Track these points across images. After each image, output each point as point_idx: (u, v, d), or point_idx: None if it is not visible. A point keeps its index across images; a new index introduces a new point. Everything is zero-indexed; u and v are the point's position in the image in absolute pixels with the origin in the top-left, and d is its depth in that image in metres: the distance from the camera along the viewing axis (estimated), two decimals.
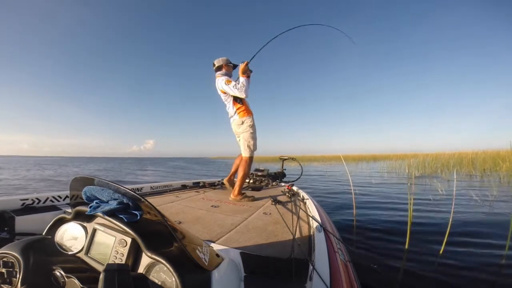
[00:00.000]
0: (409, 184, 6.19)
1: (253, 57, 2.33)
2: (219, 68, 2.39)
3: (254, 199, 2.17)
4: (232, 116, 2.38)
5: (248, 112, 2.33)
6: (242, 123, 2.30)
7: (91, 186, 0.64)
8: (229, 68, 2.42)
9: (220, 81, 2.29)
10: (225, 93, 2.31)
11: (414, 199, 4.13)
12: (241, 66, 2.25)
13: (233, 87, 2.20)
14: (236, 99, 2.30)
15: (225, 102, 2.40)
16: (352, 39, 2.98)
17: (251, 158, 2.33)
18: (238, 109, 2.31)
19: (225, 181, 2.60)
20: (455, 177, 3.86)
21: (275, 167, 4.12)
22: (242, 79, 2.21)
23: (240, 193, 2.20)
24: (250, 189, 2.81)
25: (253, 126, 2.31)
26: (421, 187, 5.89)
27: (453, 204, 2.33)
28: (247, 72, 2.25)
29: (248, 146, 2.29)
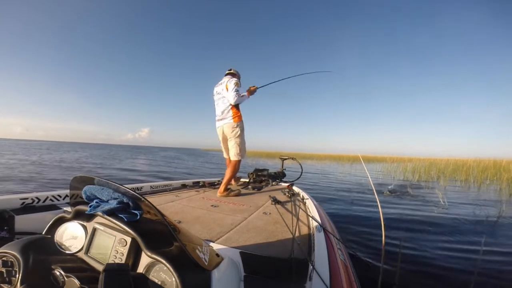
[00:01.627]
0: (408, 189, 6.04)
1: (263, 85, 2.68)
2: (232, 75, 2.62)
3: (239, 193, 2.33)
4: (224, 119, 2.49)
5: (241, 118, 2.48)
6: (237, 126, 2.42)
7: (91, 186, 0.64)
8: (239, 80, 2.61)
9: (231, 80, 2.45)
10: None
11: (418, 207, 4.06)
12: (251, 88, 2.57)
13: (236, 91, 2.38)
14: (237, 106, 2.46)
15: (219, 102, 2.52)
16: (341, 74, 3.29)
17: (240, 162, 2.49)
18: (235, 113, 2.44)
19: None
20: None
21: (265, 163, 4.08)
22: (245, 94, 2.49)
23: (226, 189, 2.32)
24: (250, 188, 2.80)
25: (243, 131, 2.49)
26: (420, 194, 5.71)
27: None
28: (252, 93, 2.58)
29: (241, 150, 2.44)
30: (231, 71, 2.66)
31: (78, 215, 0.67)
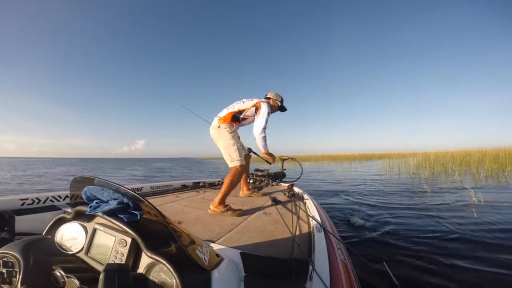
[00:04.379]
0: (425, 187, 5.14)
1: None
2: (267, 99, 2.25)
3: (241, 213, 1.73)
4: (212, 122, 2.12)
5: (229, 123, 2.06)
6: (219, 127, 2.02)
7: (91, 186, 0.64)
8: (275, 105, 2.23)
9: (265, 103, 2.08)
10: (254, 106, 2.05)
11: (452, 211, 3.25)
12: (272, 156, 2.22)
13: (265, 120, 1.98)
14: (235, 117, 2.05)
15: (227, 109, 2.12)
16: None
17: (237, 168, 1.98)
18: (227, 117, 2.03)
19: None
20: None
21: (260, 167, 3.72)
22: (267, 146, 2.08)
23: (221, 203, 1.80)
24: (250, 188, 2.80)
25: (232, 133, 2.03)
26: (442, 192, 4.73)
27: None
28: (269, 157, 2.21)
29: (230, 155, 1.98)
30: (266, 96, 2.28)
31: (78, 216, 0.67)
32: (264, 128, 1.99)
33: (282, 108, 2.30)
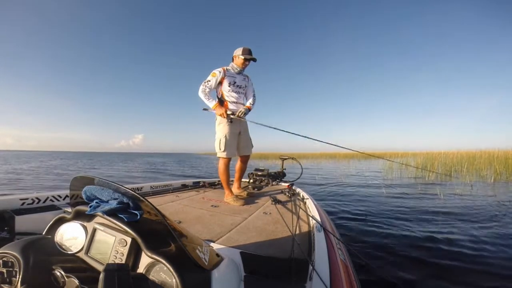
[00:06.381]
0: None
1: (236, 117, 2.09)
2: (232, 60, 2.17)
3: (243, 203, 1.94)
4: None
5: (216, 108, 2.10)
6: (216, 119, 2.18)
7: (91, 186, 0.64)
8: (238, 61, 2.09)
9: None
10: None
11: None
12: (221, 111, 2.01)
13: (204, 82, 2.05)
14: (220, 102, 2.11)
15: None
16: None
17: (222, 160, 2.13)
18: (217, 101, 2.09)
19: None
20: None
21: (257, 165, 3.58)
22: (211, 102, 2.03)
23: (228, 193, 2.07)
24: (250, 188, 2.81)
25: (220, 124, 2.12)
26: (460, 197, 4.31)
27: None
28: (218, 112, 2.04)
29: (215, 145, 2.15)
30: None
31: (78, 216, 0.67)
32: (202, 86, 2.04)
33: (249, 59, 2.10)
